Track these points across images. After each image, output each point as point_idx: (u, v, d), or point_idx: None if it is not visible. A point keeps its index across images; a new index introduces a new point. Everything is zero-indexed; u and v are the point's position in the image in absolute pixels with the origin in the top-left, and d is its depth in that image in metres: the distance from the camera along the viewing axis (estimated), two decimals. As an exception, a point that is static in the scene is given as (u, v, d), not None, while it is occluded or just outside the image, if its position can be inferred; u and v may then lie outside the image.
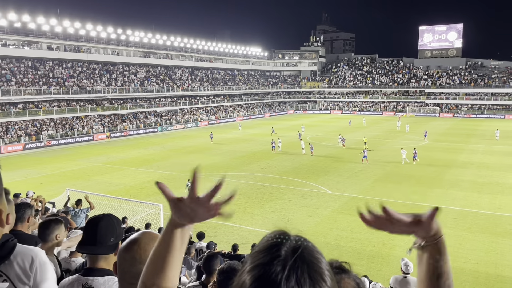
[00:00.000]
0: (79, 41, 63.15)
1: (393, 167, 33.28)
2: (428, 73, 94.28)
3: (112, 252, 2.28)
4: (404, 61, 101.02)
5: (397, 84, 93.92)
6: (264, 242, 0.93)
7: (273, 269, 0.86)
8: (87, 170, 33.47)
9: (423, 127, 62.86)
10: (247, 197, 25.16)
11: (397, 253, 16.50)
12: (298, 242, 0.93)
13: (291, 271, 0.86)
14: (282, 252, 0.89)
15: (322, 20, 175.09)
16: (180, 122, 67.44)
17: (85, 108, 56.77)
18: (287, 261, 0.87)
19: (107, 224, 2.30)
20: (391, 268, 14.64)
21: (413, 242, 1.32)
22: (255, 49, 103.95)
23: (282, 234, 0.94)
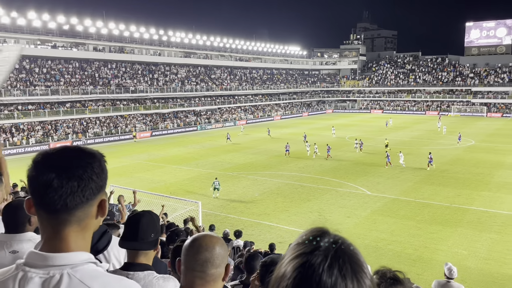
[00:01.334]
0: (123, 42, 65.36)
1: (436, 168, 32.11)
2: (475, 71, 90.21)
3: (152, 248, 2.35)
4: (449, 58, 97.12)
5: (441, 83, 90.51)
6: (304, 235, 0.94)
7: (315, 258, 0.87)
8: (129, 167, 34.57)
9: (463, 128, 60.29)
10: (284, 196, 25.13)
11: (439, 257, 15.94)
12: (337, 236, 0.94)
13: (333, 260, 0.87)
14: (322, 244, 0.90)
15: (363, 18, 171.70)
16: (219, 121, 68.29)
17: (128, 107, 58.66)
18: (329, 251, 0.88)
19: (148, 221, 2.37)
20: (433, 273, 14.17)
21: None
22: (293, 48, 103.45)
23: (321, 229, 0.96)
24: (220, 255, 1.67)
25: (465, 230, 19.01)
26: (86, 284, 1.22)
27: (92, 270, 1.29)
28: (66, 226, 1.29)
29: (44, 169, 1.27)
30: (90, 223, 1.35)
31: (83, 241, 1.34)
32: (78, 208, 1.29)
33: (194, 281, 1.65)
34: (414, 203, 23.28)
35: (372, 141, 46.14)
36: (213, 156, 39.28)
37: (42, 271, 1.24)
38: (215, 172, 31.92)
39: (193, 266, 1.65)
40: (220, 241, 1.71)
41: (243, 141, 49.01)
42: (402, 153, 33.33)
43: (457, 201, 23.53)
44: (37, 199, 1.29)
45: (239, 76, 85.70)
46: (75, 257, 1.28)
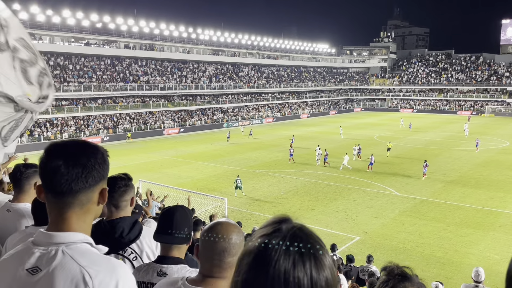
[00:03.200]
0: (153, 40, 66.46)
1: (467, 170, 31.20)
2: (511, 70, 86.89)
3: (185, 242, 2.39)
4: (484, 57, 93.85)
5: (475, 82, 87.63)
6: (267, 221, 1.01)
7: (274, 238, 0.93)
8: (157, 163, 35.19)
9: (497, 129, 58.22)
10: (310, 195, 24.99)
11: (470, 261, 15.50)
12: (297, 222, 1.00)
13: (292, 240, 0.93)
14: (283, 227, 0.96)
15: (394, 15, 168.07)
16: (246, 118, 68.50)
17: (157, 104, 59.65)
18: (288, 232, 0.95)
19: (182, 215, 2.40)
20: (463, 277, 13.78)
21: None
22: (322, 46, 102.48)
23: (284, 216, 1.01)
24: (236, 244, 1.72)
25: (498, 234, 18.39)
26: (75, 260, 1.39)
27: (84, 249, 1.45)
28: (70, 208, 1.48)
29: (53, 157, 1.47)
30: (92, 208, 1.54)
31: (84, 224, 1.52)
32: (81, 192, 1.47)
33: (211, 269, 1.74)
34: (444, 205, 22.69)
35: (400, 141, 45.23)
36: (240, 153, 39.46)
37: (43, 247, 1.45)
38: (241, 169, 32.06)
39: (211, 254, 1.72)
40: (236, 229, 1.75)
41: (267, 139, 48.98)
42: (347, 155, 32.75)
43: (489, 204, 22.78)
44: (46, 183, 1.48)
45: (266, 74, 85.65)
46: (72, 236, 1.46)
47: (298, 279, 0.89)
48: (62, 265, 1.38)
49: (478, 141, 39.04)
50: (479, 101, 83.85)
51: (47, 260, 1.40)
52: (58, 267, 1.38)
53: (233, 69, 79.63)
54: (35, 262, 1.41)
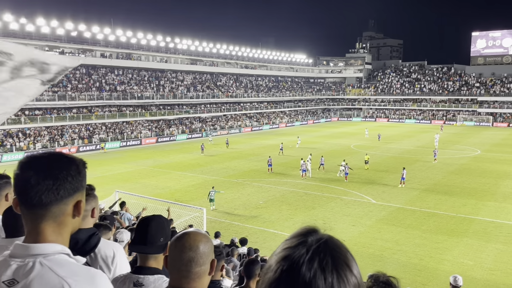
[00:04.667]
0: (130, 49, 65.91)
1: (441, 178, 31.98)
2: (481, 80, 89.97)
3: (161, 252, 2.38)
4: (455, 68, 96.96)
5: (447, 92, 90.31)
6: (293, 233, 0.99)
7: (297, 251, 0.90)
8: (134, 173, 34.69)
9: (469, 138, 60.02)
10: (289, 204, 25.08)
11: (445, 267, 15.83)
12: (324, 234, 0.97)
13: (314, 254, 0.89)
14: (308, 239, 0.93)
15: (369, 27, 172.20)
16: (224, 128, 68.46)
17: (135, 114, 58.99)
18: (312, 245, 0.91)
19: (157, 225, 2.39)
20: (439, 283, 14.08)
21: None
22: (299, 56, 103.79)
23: (311, 227, 0.99)
24: (204, 254, 1.71)
25: (471, 240, 18.87)
26: (54, 271, 1.36)
27: (62, 260, 1.43)
28: (43, 220, 1.44)
29: (25, 168, 1.45)
30: (66, 220, 1.49)
31: (60, 237, 1.48)
32: (52, 205, 1.44)
33: (180, 279, 1.73)
34: (420, 212, 23.16)
35: (376, 150, 46.02)
36: (218, 163, 39.33)
37: (20, 259, 1.42)
38: (220, 179, 31.96)
39: (178, 265, 1.71)
40: (204, 239, 1.75)
41: (245, 148, 49.02)
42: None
43: (463, 211, 23.38)
44: (18, 195, 1.46)
45: (244, 84, 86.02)
46: (49, 247, 1.43)
47: None
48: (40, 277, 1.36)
49: (436, 152, 39.44)
50: (451, 110, 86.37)
51: (25, 272, 1.38)
52: (36, 279, 1.35)
53: (211, 78, 79.65)
54: (12, 275, 1.39)
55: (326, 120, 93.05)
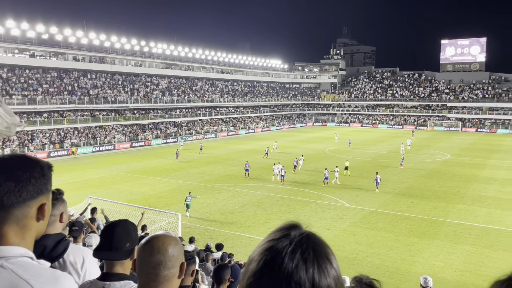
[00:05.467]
0: (103, 53, 64.80)
1: (413, 181, 32.76)
2: (450, 87, 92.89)
3: (127, 257, 2.33)
4: (426, 74, 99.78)
5: (418, 98, 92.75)
6: (278, 226, 1.02)
7: (281, 243, 0.93)
8: (108, 179, 34.04)
9: (439, 142, 61.71)
10: (264, 208, 25.14)
11: (416, 269, 16.20)
12: (306, 229, 1.01)
13: (297, 246, 0.92)
14: (292, 233, 0.96)
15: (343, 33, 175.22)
16: (200, 132, 68.10)
17: (108, 118, 57.93)
18: (295, 238, 0.95)
19: (122, 230, 2.34)
20: (411, 285, 14.38)
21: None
22: (275, 61, 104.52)
23: (294, 223, 1.03)
24: (173, 257, 1.69)
25: (441, 242, 19.38)
26: (18, 274, 1.32)
27: (25, 263, 1.39)
28: (5, 223, 1.40)
29: None
30: (29, 224, 1.45)
31: (23, 240, 1.44)
32: (14, 207, 1.40)
33: (148, 283, 1.70)
34: (392, 216, 23.64)
35: (350, 154, 46.73)
36: (194, 168, 39.05)
37: None
38: (195, 184, 31.74)
39: (146, 268, 1.69)
40: (173, 242, 1.72)
41: (221, 153, 48.92)
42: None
43: (433, 213, 24.00)
44: None
45: (220, 88, 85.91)
46: (12, 250, 1.39)
47: (300, 283, 0.88)
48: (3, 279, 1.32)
49: (403, 158, 39.86)
50: (422, 116, 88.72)
51: None
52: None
53: (187, 83, 79.19)
54: None
55: (302, 125, 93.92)
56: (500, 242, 19.37)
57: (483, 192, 29.28)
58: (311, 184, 31.90)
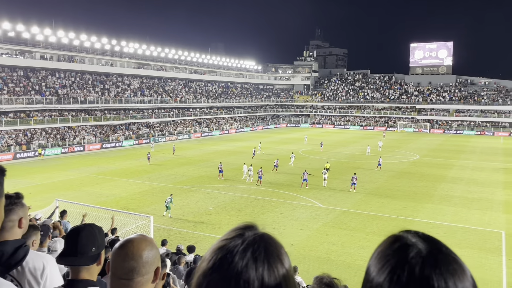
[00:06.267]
0: (73, 51, 63.13)
1: (383, 182, 33.45)
2: (419, 89, 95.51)
3: (93, 263, 2.24)
4: (396, 77, 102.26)
5: (388, 100, 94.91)
6: (233, 227, 1.01)
7: (232, 243, 0.93)
8: (77, 181, 33.18)
9: (409, 143, 63.31)
10: (238, 209, 25.09)
11: (387, 267, 16.50)
12: (261, 230, 1.00)
13: (248, 245, 0.92)
14: (246, 233, 0.96)
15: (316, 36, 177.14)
16: (173, 133, 67.35)
17: (77, 118, 56.49)
18: (247, 237, 0.95)
19: (88, 234, 2.25)
20: (381, 283, 14.62)
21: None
22: (249, 63, 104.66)
23: (249, 224, 1.02)
24: (147, 263, 1.64)
25: (411, 240, 19.81)
26: None
27: None
28: None
29: None
30: None
31: None
32: None
33: (120, 287, 1.65)
34: (364, 215, 24.05)
35: (322, 155, 47.26)
36: (166, 169, 38.57)
37: None
38: (168, 185, 31.35)
39: (119, 274, 1.63)
40: (148, 247, 1.67)
41: (195, 154, 48.55)
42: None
43: (403, 213, 24.57)
44: None
45: (194, 89, 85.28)
46: None
47: (248, 282, 0.88)
48: None
49: (380, 160, 39.22)
50: (392, 117, 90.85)
51: None
52: None
53: (159, 83, 78.20)
54: None
55: (276, 126, 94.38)
56: (466, 240, 20.02)
57: (450, 191, 30.21)
58: (285, 185, 32.06)
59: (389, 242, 0.98)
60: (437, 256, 0.89)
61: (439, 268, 0.85)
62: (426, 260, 0.87)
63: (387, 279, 0.87)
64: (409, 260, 0.87)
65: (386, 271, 0.89)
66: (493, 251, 18.53)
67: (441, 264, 0.86)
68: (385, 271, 0.89)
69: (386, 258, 0.93)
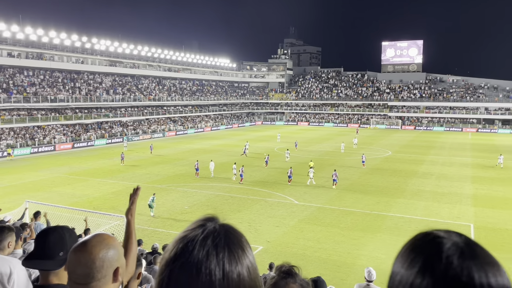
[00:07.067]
0: (42, 49, 61.27)
1: (357, 177, 34.04)
2: (390, 87, 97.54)
3: (60, 267, 2.16)
4: (368, 75, 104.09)
5: (361, 97, 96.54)
6: (195, 220, 1.04)
7: (193, 232, 0.96)
8: (48, 181, 32.32)
9: (381, 140, 64.61)
10: (214, 208, 25.03)
11: (361, 262, 16.85)
12: (222, 221, 1.02)
13: (209, 233, 0.95)
14: (207, 224, 0.99)
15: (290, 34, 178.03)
16: (147, 132, 66.44)
17: (47, 118, 54.94)
18: (208, 227, 0.97)
19: (56, 238, 2.18)
20: (356, 277, 14.93)
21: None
22: (223, 60, 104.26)
23: (211, 216, 1.04)
24: (101, 267, 1.54)
25: (384, 235, 20.31)
26: None
27: None
28: None
29: None
30: None
31: None
32: None
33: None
34: (338, 211, 24.43)
35: (298, 152, 47.65)
36: (141, 168, 38.05)
37: None
38: (143, 185, 30.89)
39: (74, 279, 1.56)
40: (103, 250, 1.56)
41: (169, 153, 48.09)
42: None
43: (376, 208, 25.09)
44: None
45: (168, 87, 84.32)
46: None
47: (210, 270, 0.89)
48: None
49: (364, 157, 39.54)
50: (365, 114, 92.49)
51: None
52: None
53: (132, 81, 76.92)
54: None
55: (251, 124, 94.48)
56: (436, 233, 20.60)
57: (421, 186, 31.04)
58: (261, 182, 32.18)
59: (419, 236, 0.93)
60: (475, 248, 0.84)
61: (478, 260, 0.81)
62: (464, 250, 0.82)
63: (420, 271, 0.82)
64: (446, 250, 0.83)
65: (419, 262, 0.84)
66: (462, 243, 19.13)
67: (480, 256, 0.82)
68: (418, 263, 0.84)
69: (418, 249, 0.88)
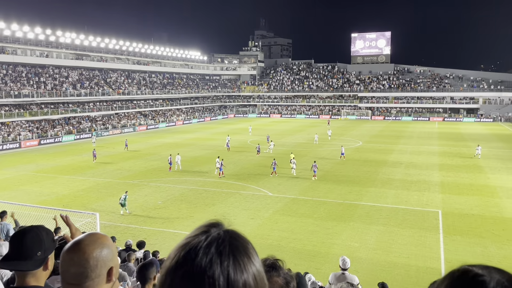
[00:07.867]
0: (3, 42, 58.73)
1: (329, 168, 34.53)
2: (360, 78, 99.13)
3: (38, 267, 2.11)
4: (338, 66, 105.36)
5: (332, 89, 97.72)
6: (198, 226, 1.00)
7: (196, 239, 0.92)
8: (14, 180, 31.21)
9: (352, 130, 65.69)
10: (188, 202, 24.85)
11: (335, 251, 17.15)
12: (227, 227, 0.98)
13: (213, 240, 0.91)
14: (211, 230, 0.95)
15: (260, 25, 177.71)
16: (117, 127, 65.07)
17: (11, 114, 52.94)
18: (211, 233, 0.93)
19: (34, 237, 2.12)
20: (331, 266, 15.19)
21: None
22: (194, 53, 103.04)
23: (216, 220, 1.00)
24: (96, 266, 1.52)
25: (356, 224, 20.73)
26: None
27: None
28: None
29: None
30: None
31: None
32: None
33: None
34: (312, 202, 24.73)
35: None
36: (112, 164, 37.28)
37: None
38: (114, 181, 30.35)
39: (67, 279, 1.53)
40: (97, 249, 1.54)
41: (141, 148, 47.33)
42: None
43: (348, 197, 25.55)
44: None
45: (137, 80, 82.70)
46: None
47: (214, 279, 0.85)
48: None
49: (343, 149, 38.98)
50: (336, 106, 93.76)
51: None
52: None
53: (100, 75, 74.98)
54: None
55: (223, 117, 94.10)
56: (407, 220, 21.23)
57: (391, 175, 31.80)
58: (234, 175, 32.14)
59: (456, 275, 0.86)
60: None
61: None
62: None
63: None
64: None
65: None
66: (431, 230, 19.80)
67: None
68: None
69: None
